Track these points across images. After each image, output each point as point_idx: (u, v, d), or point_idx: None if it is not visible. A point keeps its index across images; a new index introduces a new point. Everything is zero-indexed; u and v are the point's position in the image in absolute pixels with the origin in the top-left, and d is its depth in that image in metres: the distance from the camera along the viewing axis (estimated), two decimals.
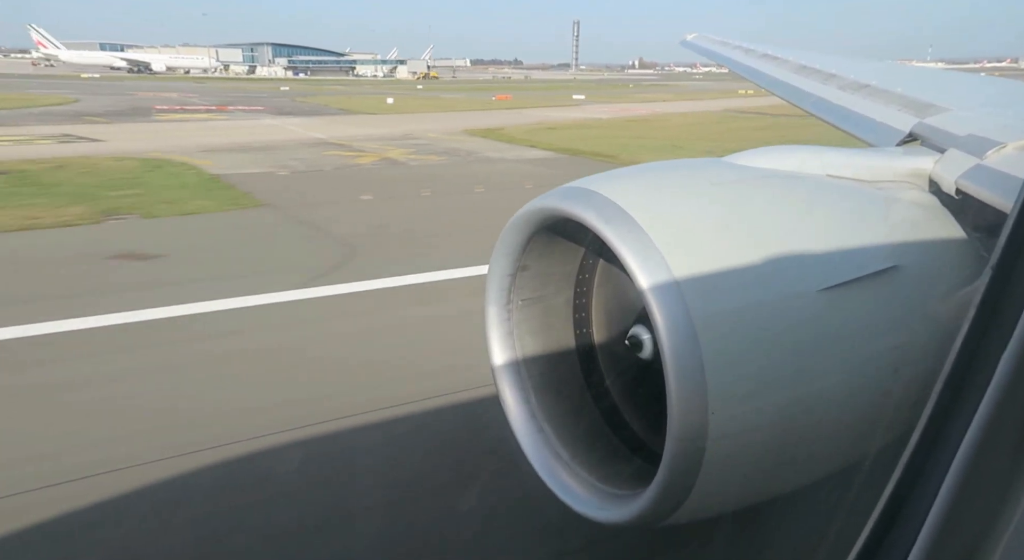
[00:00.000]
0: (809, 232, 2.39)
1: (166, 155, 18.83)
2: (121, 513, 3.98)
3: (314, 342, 6.61)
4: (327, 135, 25.21)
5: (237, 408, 5.19)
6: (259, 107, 40.03)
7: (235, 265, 9.19)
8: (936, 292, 2.49)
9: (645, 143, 23.46)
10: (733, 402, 2.13)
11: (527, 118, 33.96)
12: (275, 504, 4.09)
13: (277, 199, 13.27)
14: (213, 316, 7.08)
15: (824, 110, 4.90)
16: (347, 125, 30.34)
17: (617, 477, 2.73)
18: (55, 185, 14.12)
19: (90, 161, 17.61)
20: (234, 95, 51.56)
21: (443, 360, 5.97)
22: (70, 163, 17.15)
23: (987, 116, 3.44)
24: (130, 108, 36.90)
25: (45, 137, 22.82)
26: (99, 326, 6.71)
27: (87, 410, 5.20)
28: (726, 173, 2.65)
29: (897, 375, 2.35)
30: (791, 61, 6.51)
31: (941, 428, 0.96)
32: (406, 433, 4.96)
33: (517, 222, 2.69)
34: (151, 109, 36.50)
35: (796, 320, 2.23)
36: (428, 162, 19.04)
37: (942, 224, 2.69)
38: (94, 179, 14.97)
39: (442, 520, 4.00)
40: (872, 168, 2.81)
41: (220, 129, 27.79)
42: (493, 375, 2.98)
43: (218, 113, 35.90)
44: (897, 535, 0.99)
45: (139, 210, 12.02)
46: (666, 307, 2.08)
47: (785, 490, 2.57)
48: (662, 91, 70.60)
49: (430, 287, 8.16)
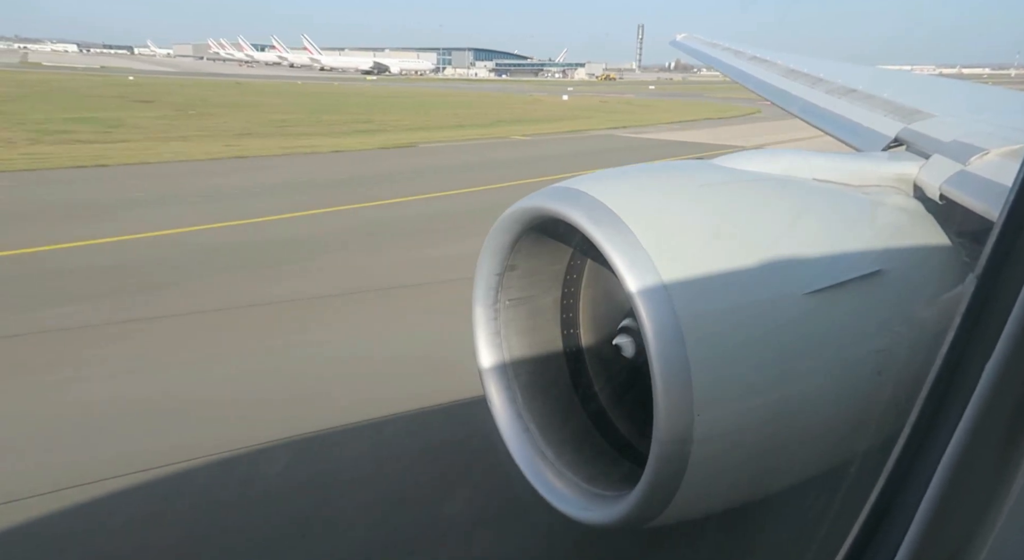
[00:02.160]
0: (795, 236, 2.40)
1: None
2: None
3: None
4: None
5: None
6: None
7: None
8: (919, 296, 2.52)
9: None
10: (719, 404, 2.14)
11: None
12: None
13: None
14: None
15: (811, 114, 4.94)
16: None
17: (603, 478, 2.73)
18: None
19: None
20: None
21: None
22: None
23: (972, 122, 3.48)
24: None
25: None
26: None
27: None
28: (714, 175, 2.66)
29: (881, 377, 2.37)
30: (780, 64, 6.55)
31: (928, 432, 0.97)
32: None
33: (505, 222, 2.68)
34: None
35: (782, 323, 2.24)
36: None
37: (926, 229, 2.72)
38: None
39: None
40: (858, 173, 2.83)
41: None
42: (480, 375, 2.97)
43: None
44: (884, 536, 1.00)
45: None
46: (653, 308, 2.09)
47: (770, 492, 2.58)
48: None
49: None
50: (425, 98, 52.08)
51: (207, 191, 13.57)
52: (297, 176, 15.85)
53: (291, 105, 39.04)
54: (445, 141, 23.51)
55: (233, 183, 14.60)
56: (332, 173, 16.53)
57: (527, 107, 42.86)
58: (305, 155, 19.18)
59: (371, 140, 22.90)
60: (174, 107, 33.54)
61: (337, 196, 13.13)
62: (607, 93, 67.82)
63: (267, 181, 15.01)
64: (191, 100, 38.82)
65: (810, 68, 5.98)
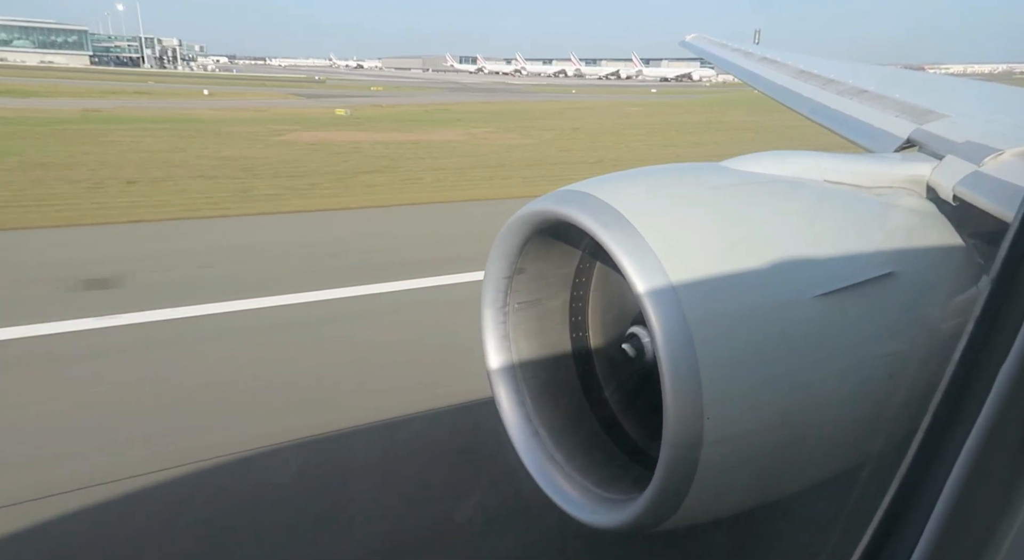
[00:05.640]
0: (806, 237, 2.38)
1: None
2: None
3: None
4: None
5: None
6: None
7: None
8: (932, 299, 2.49)
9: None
10: (729, 407, 2.12)
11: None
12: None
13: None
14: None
15: (822, 115, 4.90)
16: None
17: (612, 482, 2.72)
18: None
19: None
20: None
21: None
22: None
23: (985, 123, 3.44)
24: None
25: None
26: None
27: None
28: (723, 177, 2.64)
29: (892, 381, 2.35)
30: (790, 65, 6.51)
31: (942, 435, 0.96)
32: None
33: (513, 225, 2.68)
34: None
35: (792, 325, 2.22)
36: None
37: (939, 231, 2.69)
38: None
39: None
40: (870, 174, 2.81)
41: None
42: (489, 378, 2.97)
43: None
44: (898, 540, 0.99)
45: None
46: (662, 311, 2.08)
47: (780, 496, 2.56)
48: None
49: None
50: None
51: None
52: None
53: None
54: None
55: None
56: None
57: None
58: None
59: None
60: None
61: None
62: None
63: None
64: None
65: (821, 69, 5.94)
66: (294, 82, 78.46)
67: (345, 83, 77.17)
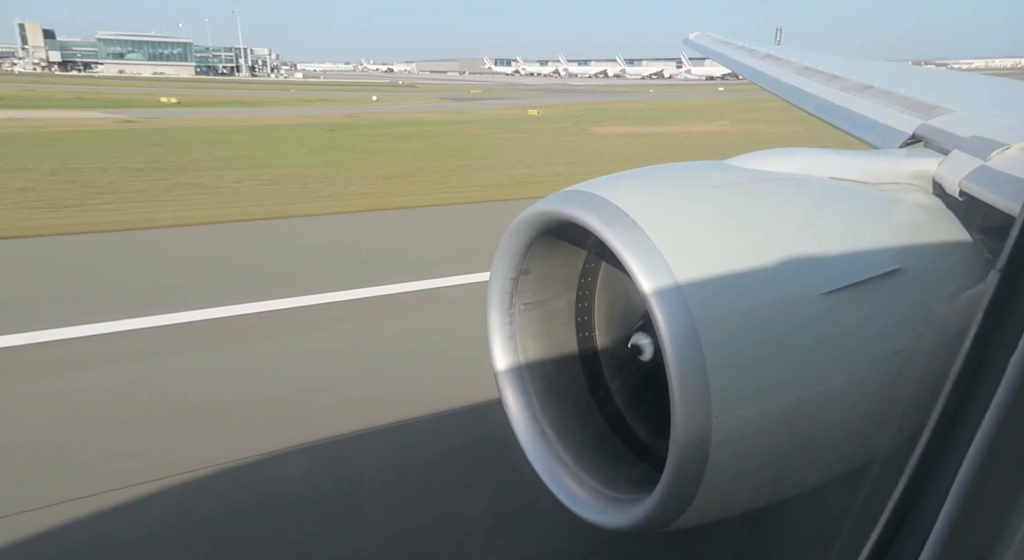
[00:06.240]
0: (812, 235, 2.37)
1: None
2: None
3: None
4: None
5: None
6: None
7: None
8: (940, 294, 2.48)
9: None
10: (737, 406, 2.12)
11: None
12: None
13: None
14: None
15: (827, 111, 4.88)
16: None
17: (620, 481, 2.72)
18: None
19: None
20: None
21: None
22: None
23: (991, 117, 3.42)
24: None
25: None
26: None
27: None
28: (728, 176, 2.63)
29: (901, 378, 2.34)
30: (794, 62, 6.49)
31: (950, 431, 0.95)
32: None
33: (519, 226, 2.68)
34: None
35: (799, 323, 2.21)
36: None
37: (946, 226, 2.68)
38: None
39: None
40: (875, 170, 2.79)
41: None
42: (495, 379, 2.97)
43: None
44: (906, 538, 0.98)
45: None
46: (669, 311, 2.07)
47: (789, 494, 2.55)
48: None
49: None
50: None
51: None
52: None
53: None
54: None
55: None
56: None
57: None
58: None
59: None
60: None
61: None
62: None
63: None
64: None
65: (825, 65, 5.92)
66: (394, 87, 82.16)
67: (431, 86, 78.12)
